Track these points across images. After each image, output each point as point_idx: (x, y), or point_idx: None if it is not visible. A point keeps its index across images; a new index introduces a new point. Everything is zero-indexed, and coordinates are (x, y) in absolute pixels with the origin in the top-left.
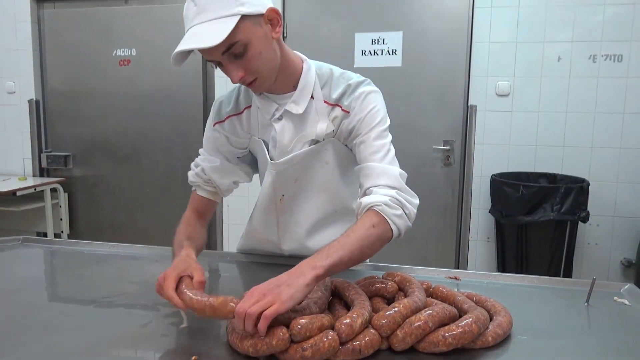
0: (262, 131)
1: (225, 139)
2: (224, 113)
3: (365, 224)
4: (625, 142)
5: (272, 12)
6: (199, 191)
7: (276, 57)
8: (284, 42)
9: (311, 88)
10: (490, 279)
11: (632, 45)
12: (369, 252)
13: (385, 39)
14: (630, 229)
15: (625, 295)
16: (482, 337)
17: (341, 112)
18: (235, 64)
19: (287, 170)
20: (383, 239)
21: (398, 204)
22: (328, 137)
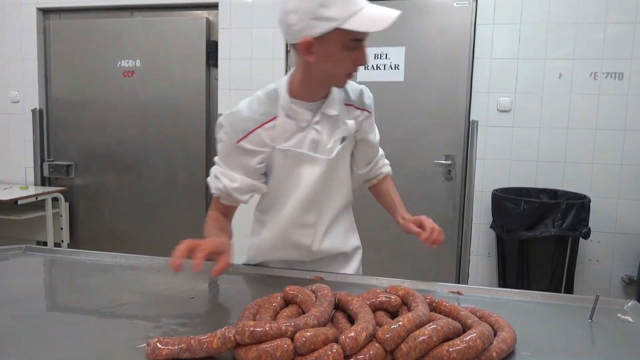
0: (290, 139)
1: (250, 154)
2: (248, 128)
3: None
4: (626, 159)
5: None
6: (221, 200)
7: None
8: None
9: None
10: (493, 294)
11: (633, 63)
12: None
13: (388, 54)
14: (631, 245)
15: (628, 312)
16: (486, 352)
17: (363, 112)
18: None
19: (331, 166)
20: None
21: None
22: (350, 135)
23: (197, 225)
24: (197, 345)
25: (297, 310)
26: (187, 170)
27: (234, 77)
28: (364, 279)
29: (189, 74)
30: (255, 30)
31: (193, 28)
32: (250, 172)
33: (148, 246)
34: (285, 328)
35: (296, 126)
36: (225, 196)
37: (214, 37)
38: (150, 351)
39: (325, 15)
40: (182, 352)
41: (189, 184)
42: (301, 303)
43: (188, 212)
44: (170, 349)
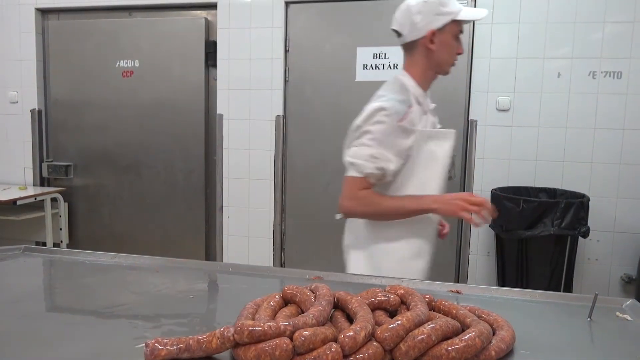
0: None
1: (407, 135)
2: (402, 110)
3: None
4: (625, 157)
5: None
6: (372, 179)
7: None
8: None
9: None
10: (492, 293)
11: (632, 63)
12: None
13: (387, 54)
14: (630, 244)
15: (627, 311)
16: (485, 351)
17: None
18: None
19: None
20: None
21: None
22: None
23: (196, 226)
24: (196, 345)
25: (296, 309)
26: (187, 171)
27: (232, 77)
28: (363, 278)
29: (188, 74)
30: (254, 30)
31: (192, 28)
32: (402, 154)
33: (147, 246)
34: (284, 327)
35: (421, 111)
36: (380, 176)
37: (213, 37)
38: (149, 352)
39: (445, 11)
40: (181, 352)
41: (188, 184)
42: (300, 302)
43: (187, 213)
44: (169, 349)
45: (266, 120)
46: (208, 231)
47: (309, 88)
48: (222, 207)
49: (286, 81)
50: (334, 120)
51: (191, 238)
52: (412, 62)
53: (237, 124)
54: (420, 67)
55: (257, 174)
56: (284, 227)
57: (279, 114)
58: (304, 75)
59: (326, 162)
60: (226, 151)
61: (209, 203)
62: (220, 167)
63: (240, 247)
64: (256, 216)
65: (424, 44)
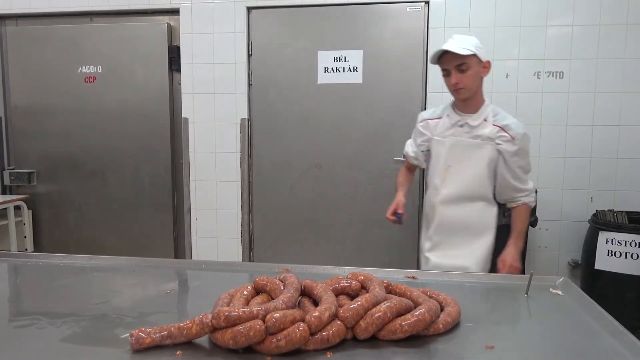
0: (443, 133)
1: (420, 134)
2: (424, 118)
3: (525, 214)
4: (569, 151)
5: (487, 63)
6: (409, 160)
7: (477, 85)
8: (482, 84)
9: (486, 115)
10: (443, 277)
11: (572, 63)
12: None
13: (347, 57)
14: (575, 232)
15: (559, 287)
16: (434, 324)
17: (507, 135)
18: (457, 75)
19: (457, 147)
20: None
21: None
22: (488, 141)
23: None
24: (177, 331)
25: (267, 297)
26: (153, 174)
27: (197, 81)
28: (327, 268)
29: (152, 79)
30: (217, 35)
31: (154, 33)
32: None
33: (115, 251)
34: (257, 312)
35: (449, 123)
36: (408, 157)
37: (176, 42)
38: (134, 340)
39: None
40: (164, 339)
41: (155, 187)
42: (270, 291)
43: (155, 216)
44: (153, 337)
45: (231, 123)
46: (176, 233)
47: (272, 91)
48: (189, 209)
49: (250, 84)
50: (297, 121)
51: (160, 241)
52: None
53: (202, 127)
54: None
55: (224, 175)
56: (252, 227)
57: (244, 117)
58: (267, 78)
59: (291, 162)
60: (192, 154)
61: (176, 205)
62: (187, 169)
63: (209, 248)
64: (224, 217)
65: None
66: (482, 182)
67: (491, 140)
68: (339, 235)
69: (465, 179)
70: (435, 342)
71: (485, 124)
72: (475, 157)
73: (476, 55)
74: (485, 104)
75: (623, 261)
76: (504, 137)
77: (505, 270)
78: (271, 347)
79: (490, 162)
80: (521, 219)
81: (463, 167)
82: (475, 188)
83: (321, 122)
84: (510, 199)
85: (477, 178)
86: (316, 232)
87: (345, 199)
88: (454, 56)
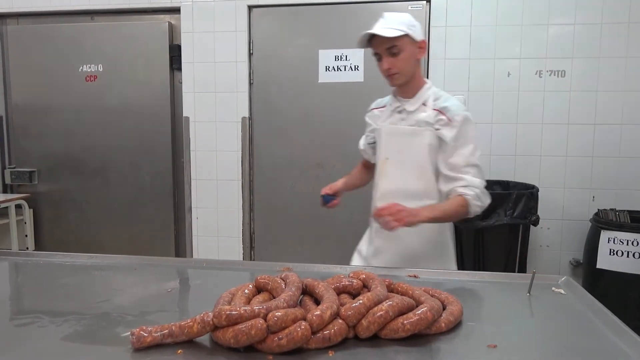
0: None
1: (368, 125)
2: (371, 108)
3: (458, 202)
4: (570, 150)
5: (422, 43)
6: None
7: (413, 69)
8: (420, 65)
9: (425, 99)
10: (446, 276)
11: (574, 62)
12: (450, 220)
13: (348, 56)
14: (577, 231)
15: (561, 286)
16: (436, 323)
17: (445, 119)
18: (389, 60)
19: (393, 136)
20: (461, 216)
21: (479, 200)
22: (427, 126)
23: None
24: (179, 330)
25: (269, 296)
26: (154, 173)
27: (198, 80)
28: (329, 267)
29: (153, 78)
30: (218, 34)
31: (155, 32)
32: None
33: (116, 250)
34: (259, 310)
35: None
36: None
37: (177, 41)
38: (135, 339)
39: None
40: (165, 338)
41: (156, 186)
42: (272, 290)
43: (156, 215)
44: (154, 336)
45: (232, 122)
46: (177, 232)
47: (273, 90)
48: (190, 208)
49: (251, 83)
50: (298, 120)
51: (160, 240)
52: None
53: (203, 126)
54: None
55: (225, 174)
56: (253, 226)
57: (245, 116)
58: (268, 77)
59: (292, 161)
60: (193, 153)
61: (177, 204)
62: (188, 168)
63: (210, 247)
64: (225, 216)
65: None
66: (424, 175)
67: (430, 125)
68: (339, 233)
69: (405, 172)
70: (438, 341)
71: (423, 109)
72: (414, 146)
73: (409, 36)
74: (425, 87)
75: (625, 260)
76: (442, 120)
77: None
78: (273, 346)
79: (431, 150)
80: (450, 203)
81: (402, 157)
82: (417, 182)
83: (322, 121)
84: (447, 191)
85: (418, 170)
86: (317, 231)
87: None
88: (383, 39)
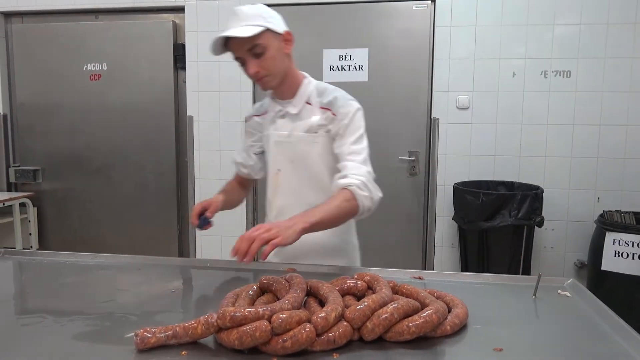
0: (270, 126)
1: (248, 133)
2: (250, 114)
3: (341, 198)
4: (575, 151)
5: (287, 34)
6: (237, 169)
7: (285, 66)
8: (292, 59)
9: (307, 96)
10: (450, 278)
11: (579, 62)
12: (339, 221)
13: (352, 55)
14: (581, 232)
15: (567, 289)
16: (442, 326)
17: (331, 115)
18: (254, 62)
19: (284, 145)
20: (351, 212)
21: (365, 188)
22: (320, 130)
23: (169, 227)
24: (182, 331)
25: (273, 297)
26: (157, 173)
27: (202, 79)
28: (333, 268)
29: (157, 77)
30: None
31: (160, 31)
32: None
33: (119, 249)
34: (263, 312)
35: (272, 117)
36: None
37: (181, 40)
38: (139, 340)
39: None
40: (169, 339)
41: (159, 186)
42: (276, 291)
43: (159, 214)
44: (158, 337)
45: (236, 121)
46: (181, 232)
47: None
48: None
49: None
50: None
51: (164, 239)
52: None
53: (207, 125)
54: None
55: (229, 174)
56: None
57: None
58: None
59: None
60: (197, 152)
61: (181, 204)
62: (192, 168)
63: (213, 247)
64: (228, 215)
65: None
66: (322, 185)
67: (322, 127)
68: None
69: (301, 184)
70: (443, 343)
71: (310, 109)
72: (306, 155)
73: (270, 30)
74: (305, 82)
75: (630, 262)
76: (329, 117)
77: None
78: (277, 348)
79: (326, 156)
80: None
81: (295, 169)
82: (316, 194)
83: None
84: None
85: (314, 180)
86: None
87: None
88: (242, 40)
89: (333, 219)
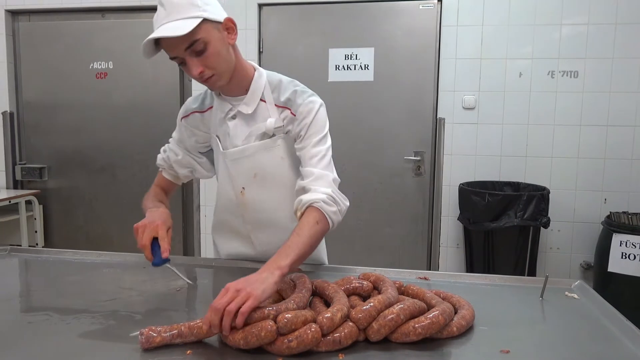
0: (218, 129)
1: (189, 132)
2: (190, 109)
3: (310, 222)
4: (582, 152)
5: (228, 22)
6: (164, 173)
7: (231, 59)
8: (238, 50)
9: (261, 92)
10: (456, 279)
11: (587, 63)
12: (316, 246)
13: (358, 55)
14: (588, 233)
15: (575, 291)
16: (448, 327)
17: (290, 115)
18: (196, 61)
19: (242, 161)
20: (323, 234)
21: (333, 202)
22: (278, 133)
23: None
24: (188, 330)
25: (278, 297)
26: None
27: None
28: (339, 268)
29: (163, 75)
30: None
31: None
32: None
33: (124, 248)
34: (268, 312)
35: (220, 118)
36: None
37: None
38: (144, 339)
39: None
40: (174, 338)
41: None
42: (281, 291)
43: None
44: (163, 336)
45: None
46: (185, 230)
47: None
48: (199, 206)
49: None
50: None
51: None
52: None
53: None
54: None
55: None
56: None
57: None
58: None
59: None
60: None
61: (185, 202)
62: None
63: None
64: None
65: None
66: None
67: (279, 129)
68: (348, 234)
69: (269, 198)
70: (449, 345)
71: (265, 107)
72: (268, 164)
73: (208, 20)
74: (256, 75)
75: (637, 264)
76: (288, 117)
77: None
78: (282, 348)
79: (291, 160)
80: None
81: (260, 182)
82: (288, 206)
83: (331, 120)
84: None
85: (283, 192)
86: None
87: (354, 198)
88: (176, 39)
89: (308, 249)
